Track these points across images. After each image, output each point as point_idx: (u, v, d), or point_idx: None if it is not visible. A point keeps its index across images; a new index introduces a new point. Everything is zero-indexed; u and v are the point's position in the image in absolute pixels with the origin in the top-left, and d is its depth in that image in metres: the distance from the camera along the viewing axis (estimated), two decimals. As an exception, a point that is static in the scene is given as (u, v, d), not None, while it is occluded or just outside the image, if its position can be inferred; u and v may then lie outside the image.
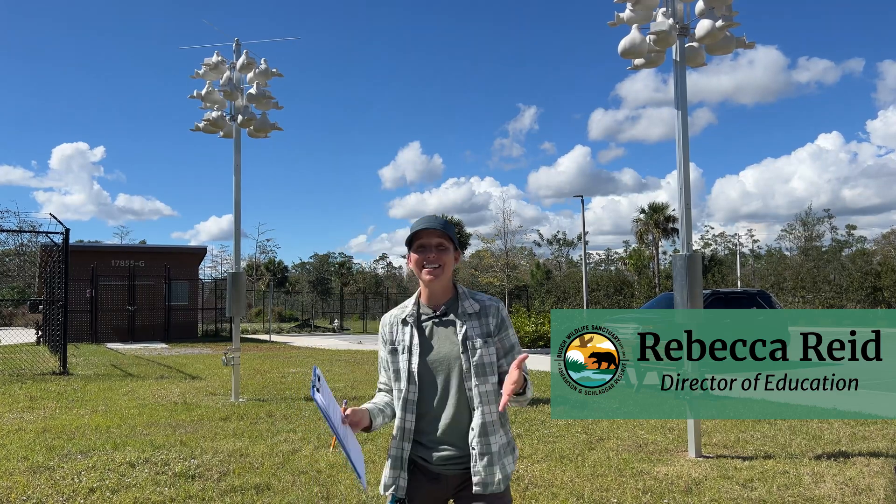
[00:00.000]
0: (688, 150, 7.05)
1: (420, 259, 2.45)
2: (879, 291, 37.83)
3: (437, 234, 2.45)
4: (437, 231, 2.44)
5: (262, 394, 11.22)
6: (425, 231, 2.44)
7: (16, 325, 40.56)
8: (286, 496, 5.31)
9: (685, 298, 6.81)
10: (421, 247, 2.45)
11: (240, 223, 11.37)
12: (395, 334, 2.52)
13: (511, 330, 2.52)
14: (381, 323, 2.60)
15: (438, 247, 2.45)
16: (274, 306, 43.37)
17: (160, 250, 31.03)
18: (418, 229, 2.45)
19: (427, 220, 2.47)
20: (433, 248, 2.44)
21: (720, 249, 66.38)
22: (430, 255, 2.44)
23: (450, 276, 2.50)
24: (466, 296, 2.52)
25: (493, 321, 2.47)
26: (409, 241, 2.48)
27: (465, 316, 2.46)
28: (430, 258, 2.43)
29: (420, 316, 2.52)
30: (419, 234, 2.45)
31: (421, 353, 2.46)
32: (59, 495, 5.36)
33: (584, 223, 40.43)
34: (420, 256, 2.45)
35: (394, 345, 2.52)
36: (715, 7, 6.91)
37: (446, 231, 2.46)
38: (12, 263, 34.17)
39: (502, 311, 2.51)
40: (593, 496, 5.29)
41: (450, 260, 2.47)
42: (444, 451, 2.46)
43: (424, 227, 2.44)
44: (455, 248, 2.50)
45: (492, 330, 2.46)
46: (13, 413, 9.29)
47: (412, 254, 2.47)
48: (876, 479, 5.69)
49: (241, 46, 11.36)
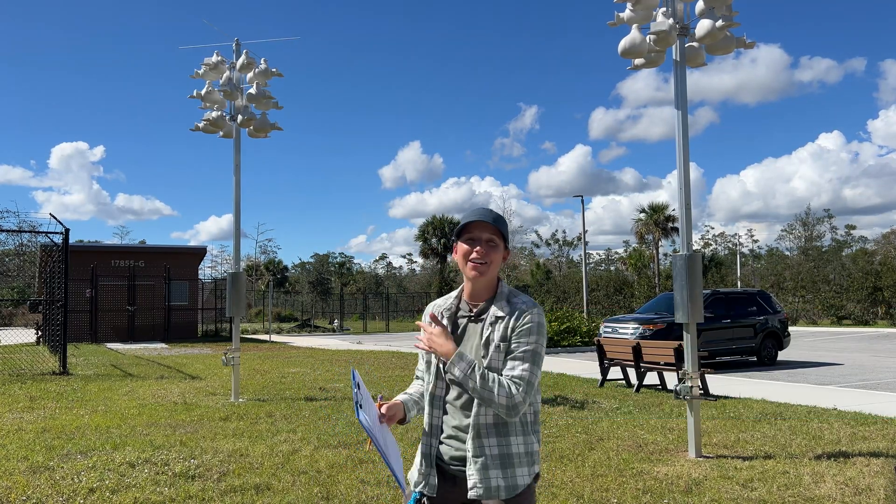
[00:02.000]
0: (688, 150, 7.05)
1: (467, 251, 2.34)
2: (879, 291, 37.80)
3: (490, 228, 2.34)
4: (489, 225, 2.33)
5: (261, 394, 11.22)
6: (477, 223, 2.34)
7: (16, 325, 40.57)
8: (286, 496, 5.31)
9: (685, 298, 6.81)
10: (470, 239, 2.35)
11: (240, 223, 11.38)
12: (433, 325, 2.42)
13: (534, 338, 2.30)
14: (426, 311, 2.50)
15: (488, 242, 2.34)
16: (274, 306, 43.37)
17: (160, 250, 31.03)
18: (469, 220, 2.35)
19: (480, 213, 2.36)
20: (482, 243, 2.34)
21: (720, 249, 66.44)
22: (478, 248, 2.33)
23: (495, 273, 2.40)
24: (503, 296, 2.39)
25: (513, 323, 2.32)
26: (458, 232, 2.38)
27: (494, 318, 2.36)
28: (478, 252, 2.33)
29: (458, 311, 2.45)
30: (470, 226, 2.35)
31: None
32: (59, 495, 5.36)
33: (583, 223, 40.46)
34: (468, 249, 2.34)
35: None
36: (715, 7, 6.91)
37: (498, 227, 2.35)
38: (12, 263, 34.15)
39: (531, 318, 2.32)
40: (593, 496, 5.29)
41: (498, 257, 2.37)
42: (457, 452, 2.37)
43: (476, 220, 2.34)
44: (505, 247, 2.40)
45: (507, 334, 2.32)
46: (13, 413, 9.29)
47: (460, 244, 2.37)
48: (876, 479, 5.68)
49: (241, 46, 11.37)
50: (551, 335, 21.79)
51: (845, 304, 39.78)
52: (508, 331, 2.31)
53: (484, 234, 2.34)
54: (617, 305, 45.87)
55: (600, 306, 46.33)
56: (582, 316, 26.57)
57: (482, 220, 2.32)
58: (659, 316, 15.77)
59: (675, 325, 12.62)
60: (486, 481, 2.27)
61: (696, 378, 6.93)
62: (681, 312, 6.89)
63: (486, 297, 2.41)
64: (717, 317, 15.68)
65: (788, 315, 23.55)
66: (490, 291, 2.41)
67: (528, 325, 2.30)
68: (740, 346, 16.03)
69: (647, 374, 11.68)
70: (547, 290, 51.36)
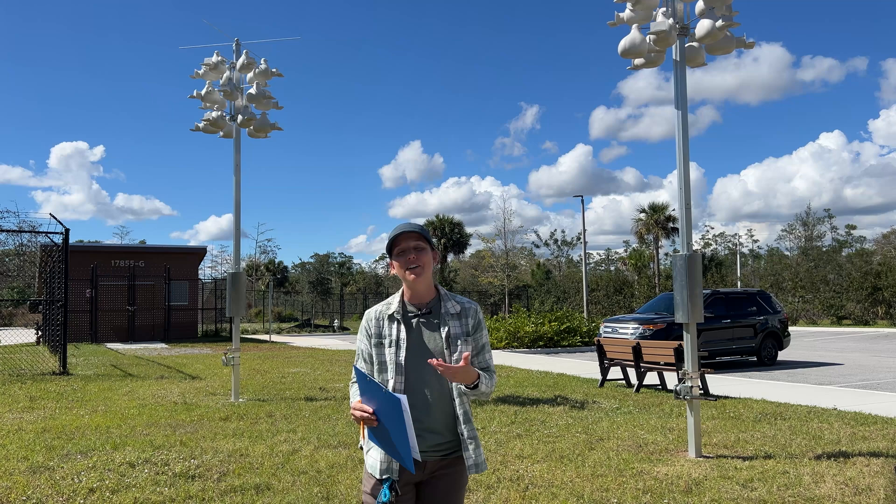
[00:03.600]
0: (688, 151, 7.05)
1: (402, 263, 2.64)
2: (879, 291, 37.79)
3: (414, 236, 2.64)
4: (413, 234, 2.64)
5: (262, 394, 11.22)
6: (402, 236, 2.64)
7: (16, 325, 40.57)
8: (286, 496, 5.31)
9: (685, 298, 6.81)
10: (401, 251, 2.64)
11: (240, 223, 11.38)
12: (382, 328, 2.70)
13: (485, 332, 2.77)
14: (366, 317, 2.76)
15: (416, 248, 2.64)
16: (274, 306, 43.37)
17: (160, 250, 31.01)
18: (396, 234, 2.64)
19: (403, 226, 2.66)
20: (412, 250, 2.63)
21: (720, 249, 66.42)
22: (410, 256, 2.62)
23: (430, 275, 2.70)
24: (449, 297, 2.75)
25: (472, 321, 2.71)
26: (389, 250, 2.67)
27: (449, 315, 2.69)
28: (410, 259, 2.62)
29: (407, 313, 2.71)
30: (398, 239, 2.64)
31: (408, 346, 2.65)
32: (59, 495, 5.36)
33: (583, 223, 40.46)
34: (401, 261, 2.64)
35: (380, 338, 2.69)
36: (715, 7, 6.91)
37: (422, 233, 2.65)
38: (12, 263, 34.16)
39: (479, 314, 2.76)
40: (593, 496, 5.29)
41: (428, 259, 2.66)
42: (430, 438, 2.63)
43: (401, 233, 2.63)
44: (432, 249, 2.69)
45: (469, 329, 2.70)
46: (13, 413, 9.29)
47: (394, 261, 2.67)
48: (876, 479, 5.69)
49: (241, 46, 11.37)
50: (551, 335, 21.84)
51: (845, 304, 39.77)
52: (470, 327, 2.70)
53: (411, 243, 2.64)
54: (617, 305, 45.85)
55: (600, 306, 46.32)
56: (582, 316, 26.57)
57: (406, 231, 2.63)
58: (659, 316, 15.77)
59: (675, 325, 12.63)
60: (480, 456, 2.66)
61: (696, 378, 6.93)
62: (681, 312, 6.89)
63: (428, 298, 2.72)
64: (717, 317, 15.68)
65: (788, 315, 23.55)
66: (431, 293, 2.73)
67: (480, 321, 2.74)
68: (740, 346, 16.02)
69: (647, 374, 11.68)
70: (547, 290, 51.36)
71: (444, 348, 2.64)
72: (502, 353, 20.31)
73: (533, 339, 21.74)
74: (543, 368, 15.29)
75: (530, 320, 22.56)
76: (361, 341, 2.75)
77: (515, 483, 5.67)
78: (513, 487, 5.54)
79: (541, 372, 14.50)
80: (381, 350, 2.68)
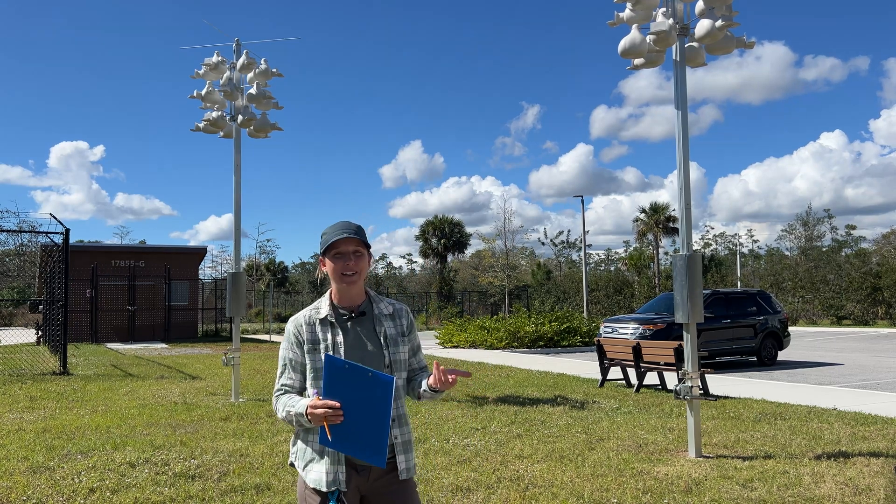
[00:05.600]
0: (688, 151, 7.05)
1: (338, 267, 2.55)
2: (879, 291, 37.78)
3: (354, 241, 2.56)
4: (353, 239, 2.55)
5: (262, 394, 11.22)
6: (342, 240, 2.54)
7: (16, 325, 40.61)
8: (286, 496, 5.31)
9: (685, 298, 6.81)
10: (338, 254, 2.55)
11: (240, 223, 11.38)
12: (315, 333, 2.57)
13: (417, 332, 2.76)
14: (294, 323, 2.62)
15: (355, 253, 2.56)
16: (274, 306, 43.37)
17: (160, 250, 31.01)
18: (335, 238, 2.53)
19: (343, 228, 2.56)
20: (350, 256, 2.55)
21: (720, 249, 66.42)
22: (348, 262, 2.55)
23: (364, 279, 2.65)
24: (380, 299, 2.71)
25: (405, 322, 2.68)
26: (324, 250, 2.57)
27: (383, 316, 2.64)
28: (348, 266, 2.55)
29: (340, 315, 2.62)
30: (336, 242, 2.54)
31: (345, 350, 2.55)
32: (59, 495, 5.36)
33: (584, 223, 40.47)
34: (338, 265, 2.55)
35: (313, 343, 2.56)
36: (715, 7, 6.91)
37: (360, 237, 2.57)
38: (12, 263, 34.16)
39: (410, 315, 2.74)
40: (593, 496, 5.29)
41: (365, 265, 2.60)
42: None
43: (341, 237, 2.53)
44: (369, 253, 2.63)
45: (404, 330, 2.66)
46: (13, 413, 9.29)
47: (329, 261, 2.57)
48: (876, 479, 5.69)
49: (242, 46, 11.37)
50: (551, 335, 21.82)
51: (845, 304, 39.75)
52: (404, 328, 2.67)
53: (350, 248, 2.56)
54: (617, 305, 45.83)
55: (600, 306, 46.30)
56: (582, 316, 26.56)
57: (347, 236, 2.53)
58: (659, 316, 15.77)
59: (675, 325, 12.62)
60: (412, 461, 2.59)
61: (696, 378, 6.94)
62: (681, 312, 6.90)
63: (359, 301, 2.65)
64: (717, 317, 15.68)
65: (788, 315, 23.53)
66: (362, 295, 2.66)
67: (412, 321, 2.73)
68: (740, 346, 16.02)
69: (647, 374, 11.68)
70: (547, 290, 51.34)
71: (382, 350, 2.57)
72: (502, 353, 20.31)
73: (533, 339, 21.73)
74: (543, 368, 15.29)
75: (530, 320, 22.56)
76: (290, 350, 2.59)
77: (515, 483, 5.67)
78: (513, 487, 5.54)
79: (541, 372, 14.50)
80: (317, 356, 2.53)
